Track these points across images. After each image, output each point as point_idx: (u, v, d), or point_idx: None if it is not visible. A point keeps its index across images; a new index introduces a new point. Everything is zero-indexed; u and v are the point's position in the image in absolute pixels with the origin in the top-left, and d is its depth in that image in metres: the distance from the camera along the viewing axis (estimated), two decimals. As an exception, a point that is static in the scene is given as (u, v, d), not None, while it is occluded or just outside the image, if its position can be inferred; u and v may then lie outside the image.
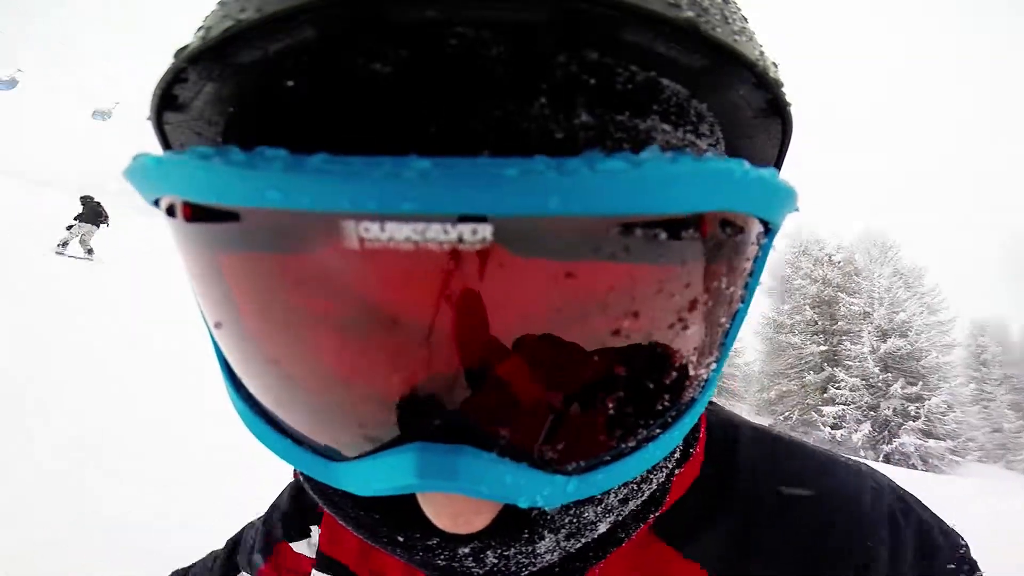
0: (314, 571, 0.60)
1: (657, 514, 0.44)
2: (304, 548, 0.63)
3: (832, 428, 24.63)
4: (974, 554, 0.48)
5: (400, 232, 0.22)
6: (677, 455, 0.45)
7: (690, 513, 0.47)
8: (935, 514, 0.50)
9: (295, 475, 0.65)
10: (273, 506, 0.70)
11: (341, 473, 0.31)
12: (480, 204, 0.21)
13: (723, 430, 0.52)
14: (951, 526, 0.50)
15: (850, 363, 26.26)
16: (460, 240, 0.22)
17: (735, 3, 0.31)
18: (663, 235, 0.24)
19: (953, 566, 0.46)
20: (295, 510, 0.66)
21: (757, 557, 0.45)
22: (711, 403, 0.53)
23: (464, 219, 0.22)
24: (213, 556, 0.78)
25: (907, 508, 0.49)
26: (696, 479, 0.48)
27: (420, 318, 0.25)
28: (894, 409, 24.34)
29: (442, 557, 0.37)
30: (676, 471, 0.46)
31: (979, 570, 0.46)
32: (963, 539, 0.49)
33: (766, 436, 0.53)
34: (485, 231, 0.22)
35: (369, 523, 0.39)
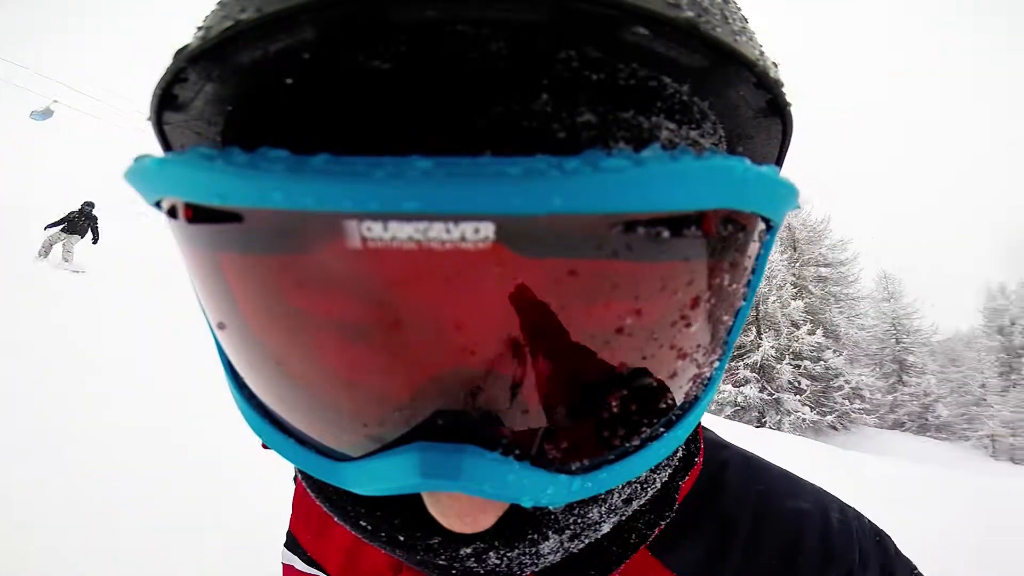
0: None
1: (671, 517, 0.44)
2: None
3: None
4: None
5: (402, 231, 0.22)
6: (681, 454, 0.45)
7: (677, 524, 0.48)
8: (907, 558, 0.52)
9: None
10: None
11: (344, 473, 0.31)
12: (483, 204, 0.21)
13: (715, 449, 0.54)
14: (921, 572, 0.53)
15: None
16: (462, 239, 0.22)
17: (735, 3, 0.31)
18: (666, 233, 0.24)
19: None
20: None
21: (729, 572, 0.47)
22: (703, 426, 0.54)
23: (466, 218, 0.22)
24: None
25: (877, 538, 0.51)
26: (689, 491, 0.49)
27: (422, 317, 0.25)
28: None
29: (443, 557, 0.37)
30: (681, 480, 0.46)
31: None
32: None
33: (750, 459, 0.55)
34: (487, 230, 0.22)
35: (369, 522, 0.39)
